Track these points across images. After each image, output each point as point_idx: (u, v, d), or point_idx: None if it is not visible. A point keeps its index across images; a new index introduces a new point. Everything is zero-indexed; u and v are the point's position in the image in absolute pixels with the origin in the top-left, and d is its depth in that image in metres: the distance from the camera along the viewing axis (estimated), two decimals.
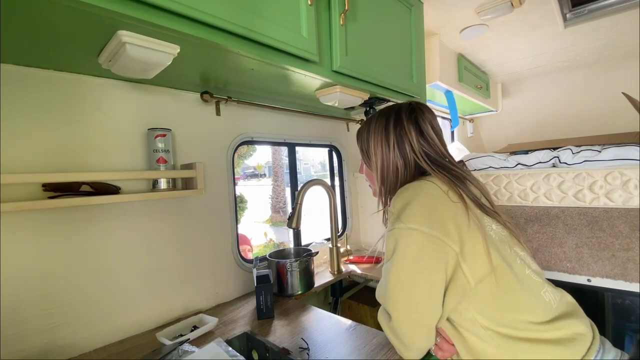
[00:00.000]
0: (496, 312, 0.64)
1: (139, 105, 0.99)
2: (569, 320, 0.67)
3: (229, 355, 0.75)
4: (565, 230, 1.12)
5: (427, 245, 0.64)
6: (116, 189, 0.89)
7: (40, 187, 0.79)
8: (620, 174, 1.01)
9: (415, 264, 0.65)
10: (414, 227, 0.65)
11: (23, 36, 0.64)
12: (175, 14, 0.61)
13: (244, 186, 10.60)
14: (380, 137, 0.80)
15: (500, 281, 0.65)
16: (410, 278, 0.66)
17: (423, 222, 0.65)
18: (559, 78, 2.52)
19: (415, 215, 0.67)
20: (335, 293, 1.50)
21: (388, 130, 0.80)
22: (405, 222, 0.67)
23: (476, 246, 0.65)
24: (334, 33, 0.97)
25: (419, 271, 0.65)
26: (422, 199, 0.69)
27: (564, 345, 0.64)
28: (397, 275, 0.67)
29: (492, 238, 0.68)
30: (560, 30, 1.69)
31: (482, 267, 0.64)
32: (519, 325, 0.64)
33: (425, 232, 0.64)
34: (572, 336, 0.65)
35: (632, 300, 1.08)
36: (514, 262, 0.68)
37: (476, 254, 0.65)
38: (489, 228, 0.70)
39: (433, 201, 0.68)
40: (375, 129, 0.82)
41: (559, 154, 1.14)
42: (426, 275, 0.65)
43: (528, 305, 0.65)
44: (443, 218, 0.66)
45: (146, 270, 0.99)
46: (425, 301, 0.65)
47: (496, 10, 1.47)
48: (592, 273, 1.08)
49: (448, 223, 0.65)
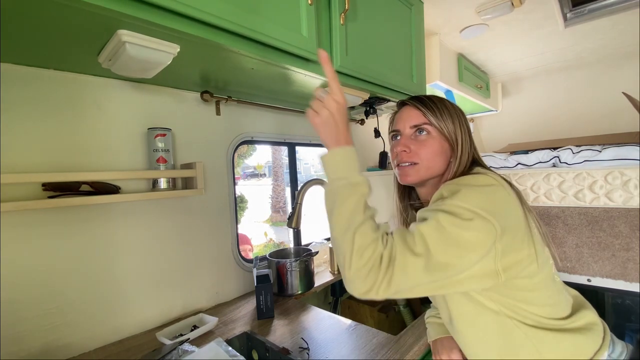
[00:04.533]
0: (520, 304, 0.65)
1: (139, 104, 0.99)
2: (582, 312, 0.69)
3: (229, 355, 0.75)
4: (565, 230, 1.12)
5: (482, 226, 0.57)
6: (116, 189, 0.89)
7: (40, 186, 0.79)
8: (621, 173, 1.01)
9: (466, 235, 0.57)
10: (480, 214, 0.57)
11: (23, 35, 0.64)
12: (175, 13, 0.61)
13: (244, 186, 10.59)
14: (460, 117, 0.76)
15: (532, 279, 0.65)
16: (457, 241, 0.57)
17: (488, 210, 0.58)
18: (559, 78, 2.51)
19: (484, 201, 0.59)
20: (335, 293, 1.50)
21: (465, 117, 0.78)
22: (461, 202, 0.58)
23: (531, 242, 0.63)
24: (334, 33, 0.97)
25: (467, 244, 0.57)
26: (494, 188, 0.62)
27: (584, 334, 0.66)
28: (444, 231, 0.57)
29: (534, 238, 0.66)
30: (561, 30, 1.69)
31: (517, 265, 0.62)
32: (541, 321, 0.65)
33: (482, 215, 0.57)
34: (587, 325, 0.67)
35: (632, 300, 1.08)
36: (546, 263, 0.69)
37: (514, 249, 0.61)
38: (533, 227, 0.68)
39: (503, 194, 0.62)
40: (458, 112, 0.77)
41: (559, 154, 1.14)
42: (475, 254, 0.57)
43: (554, 303, 0.67)
44: (499, 208, 0.59)
45: (146, 269, 0.99)
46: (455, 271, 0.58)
47: (496, 10, 1.47)
48: (592, 273, 1.08)
49: (503, 214, 0.59)
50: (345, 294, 1.52)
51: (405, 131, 0.77)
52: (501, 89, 2.76)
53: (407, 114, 0.77)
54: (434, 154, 0.73)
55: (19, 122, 0.78)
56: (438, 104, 0.76)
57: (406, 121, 0.77)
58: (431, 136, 0.74)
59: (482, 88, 2.32)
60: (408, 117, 0.77)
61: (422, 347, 0.85)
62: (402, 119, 0.78)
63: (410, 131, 0.76)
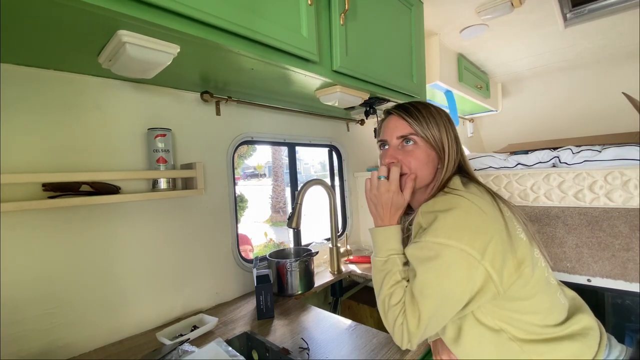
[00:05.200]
0: (514, 315, 0.65)
1: (139, 105, 0.99)
2: (578, 316, 0.68)
3: (229, 355, 0.75)
4: (565, 230, 1.12)
5: (459, 261, 0.61)
6: (116, 189, 0.89)
7: (40, 187, 0.79)
8: (621, 174, 1.01)
9: (444, 278, 0.62)
10: (447, 243, 0.61)
11: (23, 36, 0.64)
12: (175, 13, 0.61)
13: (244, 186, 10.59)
14: (446, 123, 0.77)
15: (525, 288, 0.65)
16: (441, 289, 0.62)
17: (458, 238, 0.61)
18: (559, 78, 2.51)
19: (450, 230, 0.62)
20: (335, 293, 1.50)
21: (451, 122, 0.79)
22: (441, 236, 0.62)
23: (507, 256, 0.63)
24: (334, 33, 0.97)
25: (448, 285, 0.62)
26: (459, 213, 0.64)
27: (579, 340, 0.65)
28: (428, 287, 0.63)
29: (525, 243, 0.67)
30: (561, 30, 1.69)
31: (510, 276, 0.63)
32: (535, 330, 0.65)
33: (460, 247, 0.60)
34: (583, 330, 0.67)
35: (632, 300, 1.08)
36: (536, 265, 0.68)
37: (506, 264, 0.63)
38: (519, 232, 0.69)
39: (469, 216, 0.64)
40: (444, 119, 0.78)
41: (559, 154, 1.14)
42: (453, 289, 0.62)
43: (545, 308, 0.66)
44: (477, 233, 0.62)
45: (146, 270, 0.99)
46: (449, 309, 0.64)
47: (496, 10, 1.47)
48: (592, 273, 1.08)
49: (481, 238, 0.61)
50: (345, 294, 1.52)
51: (392, 142, 0.78)
52: (501, 89, 2.76)
53: (393, 124, 0.78)
54: (420, 163, 0.75)
55: (19, 122, 0.78)
56: (424, 112, 0.77)
57: (393, 131, 0.78)
58: (418, 146, 0.76)
59: (482, 88, 2.32)
60: (395, 128, 0.78)
61: (422, 347, 0.85)
62: (389, 128, 0.79)
63: (397, 142, 0.77)
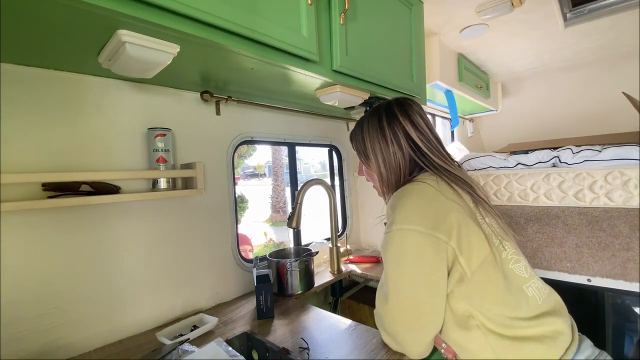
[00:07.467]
0: (484, 303, 0.66)
1: (139, 104, 0.99)
2: (552, 318, 0.68)
3: (229, 355, 0.75)
4: (565, 230, 1.12)
5: (424, 245, 0.65)
6: (116, 189, 0.89)
7: (40, 186, 0.79)
8: (621, 173, 1.01)
9: (414, 265, 0.66)
10: (409, 228, 0.66)
11: (23, 36, 0.64)
12: (175, 13, 0.61)
13: (244, 186, 10.59)
14: (376, 135, 0.82)
15: (489, 273, 0.66)
16: (411, 279, 0.66)
17: (417, 222, 0.66)
18: (559, 78, 2.51)
19: (409, 215, 0.68)
20: (335, 293, 1.50)
21: (382, 127, 0.81)
22: (400, 223, 0.68)
23: (472, 238, 0.66)
24: (334, 32, 0.97)
25: (419, 271, 0.65)
26: (416, 199, 0.70)
27: (546, 343, 0.65)
28: (397, 279, 0.68)
29: (485, 230, 0.69)
30: (561, 30, 1.69)
31: (477, 259, 0.66)
32: (504, 321, 0.65)
33: (421, 231, 0.65)
34: (553, 334, 0.66)
35: (632, 300, 1.08)
36: (499, 255, 0.70)
37: (472, 247, 0.66)
38: (482, 220, 0.71)
39: (426, 200, 0.69)
40: (370, 127, 0.84)
41: (559, 154, 1.14)
42: (426, 274, 0.65)
43: (511, 299, 0.66)
44: (437, 216, 0.67)
45: (146, 269, 0.99)
46: (428, 303, 0.66)
47: (496, 10, 1.47)
48: (592, 273, 1.08)
49: (442, 220, 0.66)
50: (345, 293, 1.52)
51: (361, 163, 0.92)
52: (501, 89, 2.76)
53: None
54: (379, 177, 0.83)
55: (19, 122, 0.78)
56: (357, 133, 0.89)
57: None
58: (370, 163, 0.85)
59: (482, 88, 2.32)
60: None
61: None
62: None
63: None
